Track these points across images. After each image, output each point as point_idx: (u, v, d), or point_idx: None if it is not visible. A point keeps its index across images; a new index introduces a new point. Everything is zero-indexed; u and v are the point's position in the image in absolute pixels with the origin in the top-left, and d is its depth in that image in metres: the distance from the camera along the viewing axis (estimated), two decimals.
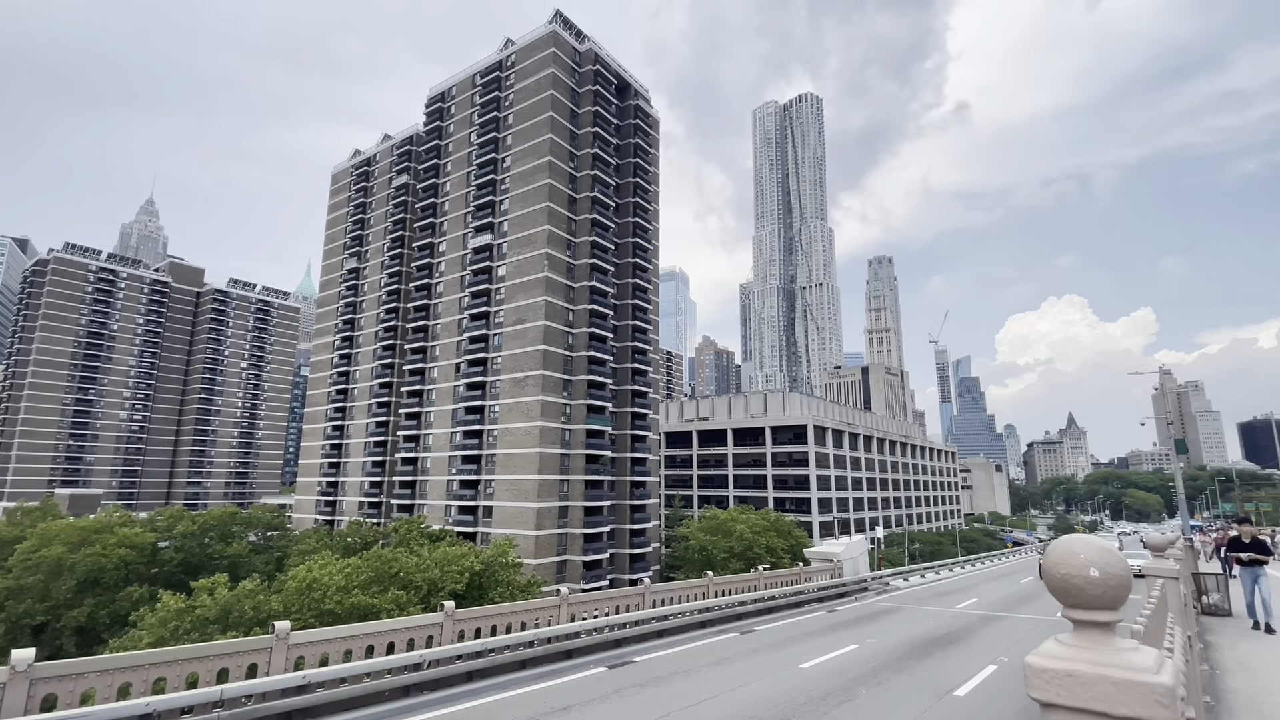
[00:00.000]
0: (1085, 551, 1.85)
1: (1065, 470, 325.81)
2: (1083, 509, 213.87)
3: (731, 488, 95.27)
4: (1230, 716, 7.23)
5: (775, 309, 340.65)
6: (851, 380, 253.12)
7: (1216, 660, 10.45)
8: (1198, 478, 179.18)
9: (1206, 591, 15.70)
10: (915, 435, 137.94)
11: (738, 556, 53.87)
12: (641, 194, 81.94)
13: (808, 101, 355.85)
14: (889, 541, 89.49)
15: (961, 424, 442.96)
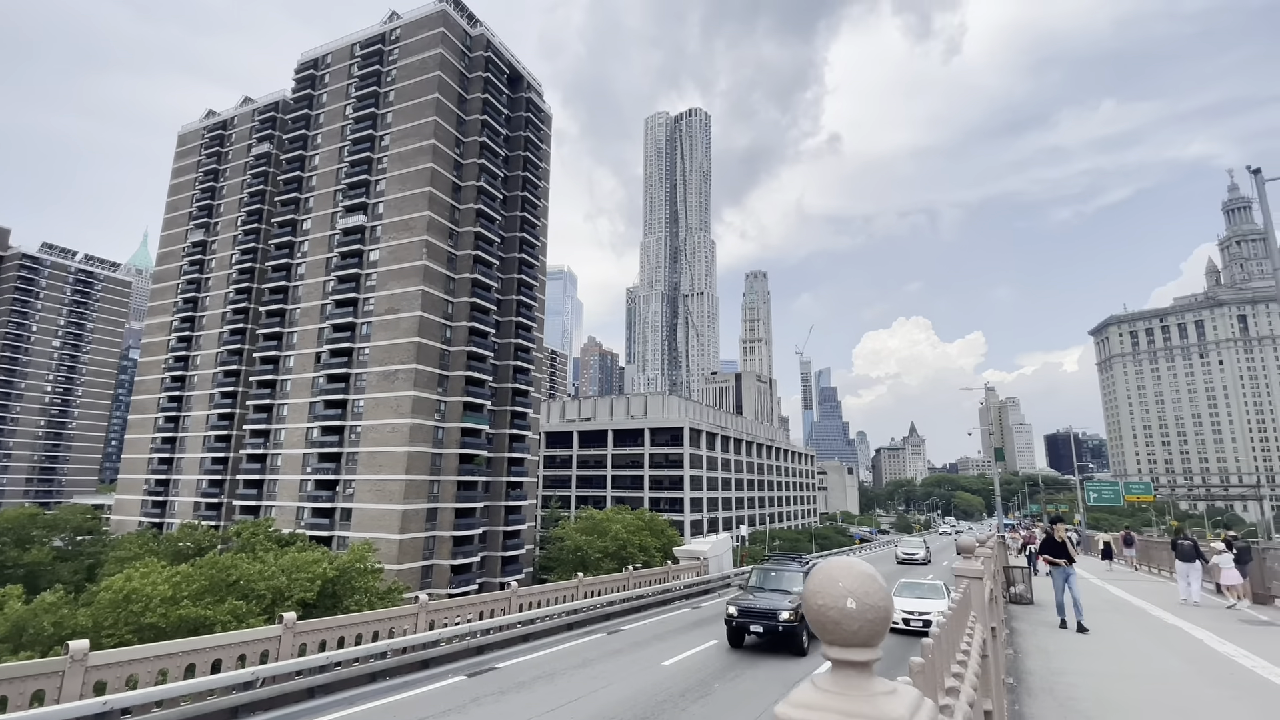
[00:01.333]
0: (845, 579, 1.61)
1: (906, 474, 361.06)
2: (919, 508, 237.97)
3: (610, 488, 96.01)
4: (1029, 695, 8.23)
5: (659, 314, 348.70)
6: (726, 386, 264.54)
7: (1019, 645, 11.90)
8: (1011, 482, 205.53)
9: (1014, 583, 17.90)
10: (780, 439, 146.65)
11: (611, 556, 54.32)
12: (531, 189, 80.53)
13: (697, 116, 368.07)
14: (753, 539, 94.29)
15: (820, 430, 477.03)
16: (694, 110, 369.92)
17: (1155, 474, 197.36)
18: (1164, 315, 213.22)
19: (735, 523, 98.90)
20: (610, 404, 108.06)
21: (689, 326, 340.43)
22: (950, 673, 2.05)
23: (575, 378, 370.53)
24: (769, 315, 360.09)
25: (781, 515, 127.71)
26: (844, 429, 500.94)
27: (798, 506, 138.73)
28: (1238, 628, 14.21)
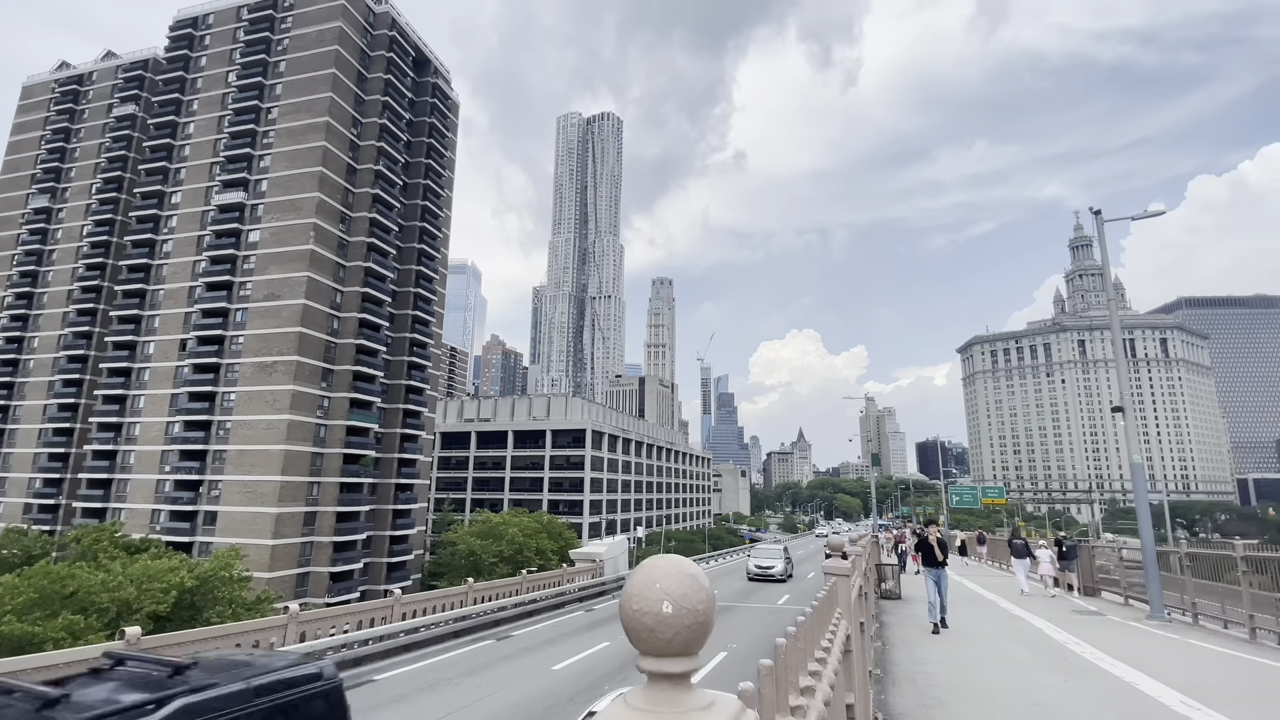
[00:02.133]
0: (664, 580, 1.43)
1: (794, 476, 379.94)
2: (804, 509, 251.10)
3: (508, 490, 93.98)
4: (893, 685, 8.79)
5: (566, 315, 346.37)
6: (630, 389, 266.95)
7: (888, 637, 12.74)
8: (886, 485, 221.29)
9: (885, 579, 19.18)
10: (680, 443, 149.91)
11: (507, 560, 53.11)
12: (434, 177, 77.52)
13: (609, 120, 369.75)
14: (649, 540, 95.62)
15: (718, 434, 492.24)
16: (607, 114, 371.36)
17: (1008, 479, 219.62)
18: (1018, 338, 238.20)
19: (633, 524, 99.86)
20: (512, 404, 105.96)
21: (595, 329, 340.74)
22: (807, 671, 2.02)
23: (476, 376, 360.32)
24: (673, 321, 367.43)
25: (679, 516, 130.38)
26: (739, 433, 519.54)
27: (694, 508, 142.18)
28: (1070, 617, 15.99)
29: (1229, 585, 13.97)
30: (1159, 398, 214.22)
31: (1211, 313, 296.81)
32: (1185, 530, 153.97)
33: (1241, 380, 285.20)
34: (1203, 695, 8.16)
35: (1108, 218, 18.32)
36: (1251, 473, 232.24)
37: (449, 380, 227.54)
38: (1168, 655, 11.34)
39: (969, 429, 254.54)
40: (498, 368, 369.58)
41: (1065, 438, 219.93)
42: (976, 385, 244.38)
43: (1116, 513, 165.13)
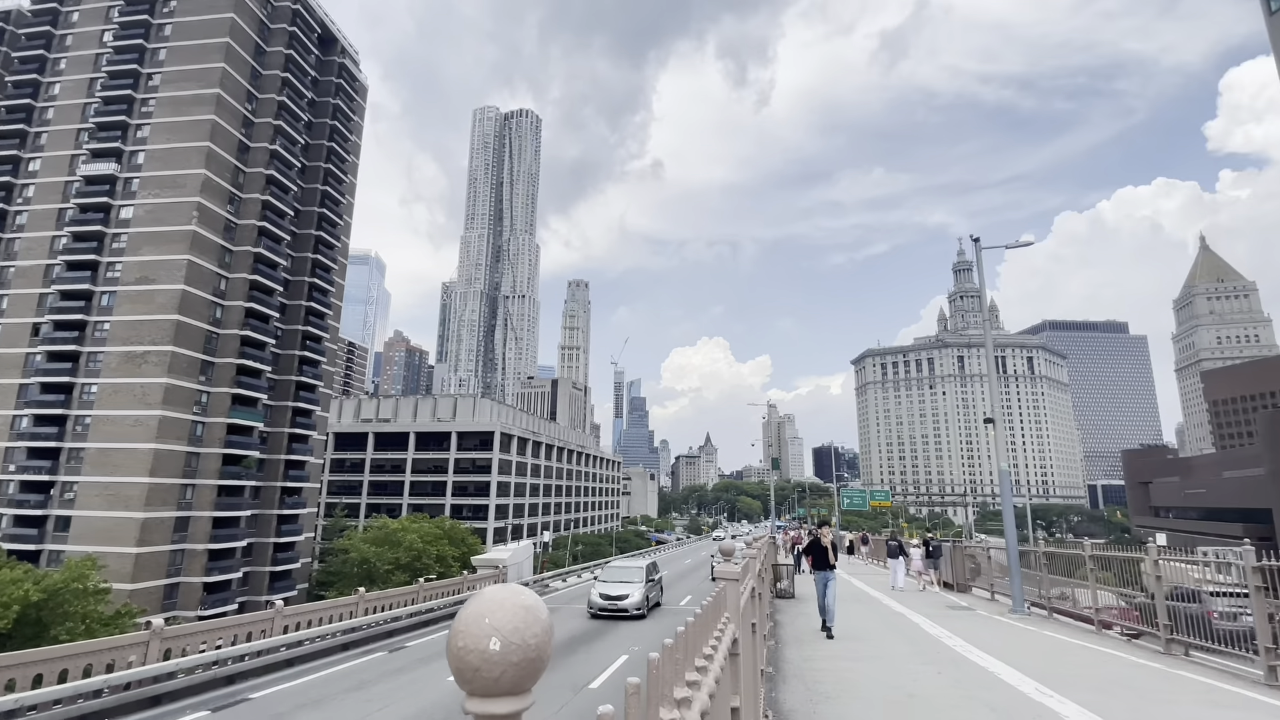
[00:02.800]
0: (495, 614, 1.31)
1: (700, 480, 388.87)
2: (709, 512, 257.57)
3: (408, 495, 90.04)
4: (783, 682, 9.16)
5: (477, 313, 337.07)
6: (542, 391, 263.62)
7: (780, 635, 13.26)
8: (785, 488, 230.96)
9: (780, 579, 19.97)
10: (590, 446, 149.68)
11: (404, 568, 50.81)
12: (337, 161, 73.41)
13: (528, 118, 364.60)
14: (556, 544, 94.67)
15: (629, 437, 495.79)
16: (525, 111, 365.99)
17: (894, 483, 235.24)
18: (906, 352, 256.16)
19: (540, 529, 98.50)
20: (415, 404, 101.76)
21: (508, 329, 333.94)
22: (685, 681, 2.02)
23: (376, 374, 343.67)
24: (588, 324, 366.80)
25: (588, 520, 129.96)
26: (649, 437, 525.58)
27: (603, 511, 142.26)
28: (945, 612, 17.30)
29: (1079, 580, 15.61)
30: (1024, 410, 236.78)
31: (1070, 335, 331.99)
32: (1045, 530, 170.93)
33: (1093, 396, 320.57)
34: (1055, 683, 9.06)
35: (985, 245, 20.07)
36: (1100, 479, 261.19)
37: (346, 378, 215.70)
38: (1026, 646, 12.50)
39: (860, 435, 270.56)
40: (400, 365, 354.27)
41: (945, 445, 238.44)
42: (868, 395, 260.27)
43: (987, 514, 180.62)
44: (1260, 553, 10.15)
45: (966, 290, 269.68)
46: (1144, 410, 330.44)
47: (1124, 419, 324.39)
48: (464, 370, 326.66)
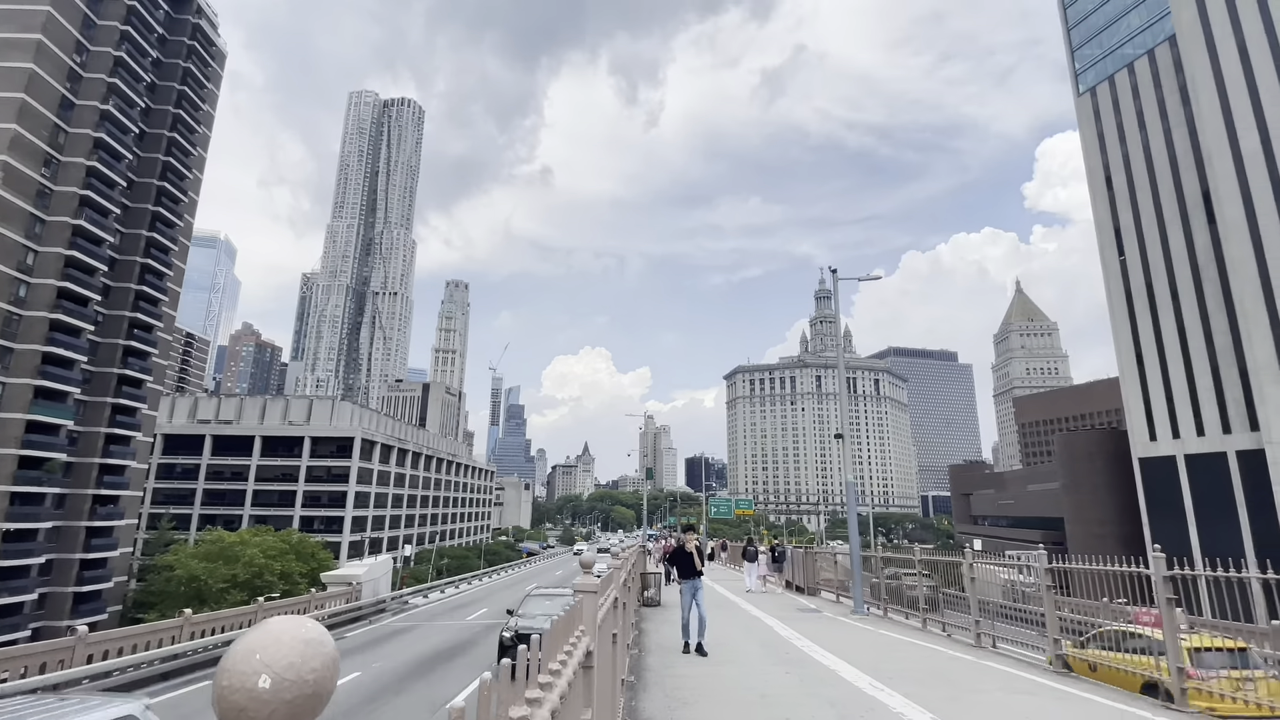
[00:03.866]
0: (268, 648, 1.18)
1: (576, 489, 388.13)
2: (583, 522, 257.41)
3: (250, 505, 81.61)
4: (644, 690, 9.37)
5: (341, 309, 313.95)
6: (412, 395, 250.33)
7: (644, 644, 13.54)
8: (658, 497, 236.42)
9: (648, 587, 20.40)
10: (462, 454, 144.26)
11: (243, 586, 45.98)
12: (184, 131, 65.84)
13: (410, 107, 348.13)
14: (420, 558, 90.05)
15: (504, 446, 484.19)
16: (408, 100, 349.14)
17: (757, 492, 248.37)
18: (772, 370, 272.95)
19: (402, 542, 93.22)
20: (263, 405, 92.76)
21: (376, 327, 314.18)
22: (525, 699, 2.02)
23: (219, 370, 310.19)
24: (467, 327, 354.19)
25: (457, 532, 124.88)
26: (526, 446, 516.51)
27: (473, 523, 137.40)
28: (795, 615, 18.52)
29: (910, 584, 17.38)
30: (870, 427, 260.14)
31: (911, 361, 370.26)
32: (885, 536, 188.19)
33: (927, 416, 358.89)
34: (886, 677, 10.02)
35: (841, 276, 21.97)
36: (931, 490, 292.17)
37: (182, 373, 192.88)
38: (864, 644, 13.71)
39: (729, 447, 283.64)
40: (248, 361, 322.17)
41: (802, 457, 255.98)
42: (737, 409, 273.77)
43: (837, 522, 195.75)
44: (1050, 556, 11.91)
45: (826, 316, 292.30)
46: (968, 430, 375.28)
47: (952, 437, 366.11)
48: (323, 370, 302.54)
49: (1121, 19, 72.74)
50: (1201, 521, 59.05)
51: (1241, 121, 57.54)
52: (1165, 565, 8.80)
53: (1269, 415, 54.06)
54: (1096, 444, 75.98)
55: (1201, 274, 62.30)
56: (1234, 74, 58.40)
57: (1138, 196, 68.85)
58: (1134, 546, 61.20)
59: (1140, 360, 66.83)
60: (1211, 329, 61.06)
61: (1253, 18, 57.34)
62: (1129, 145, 70.22)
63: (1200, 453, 60.41)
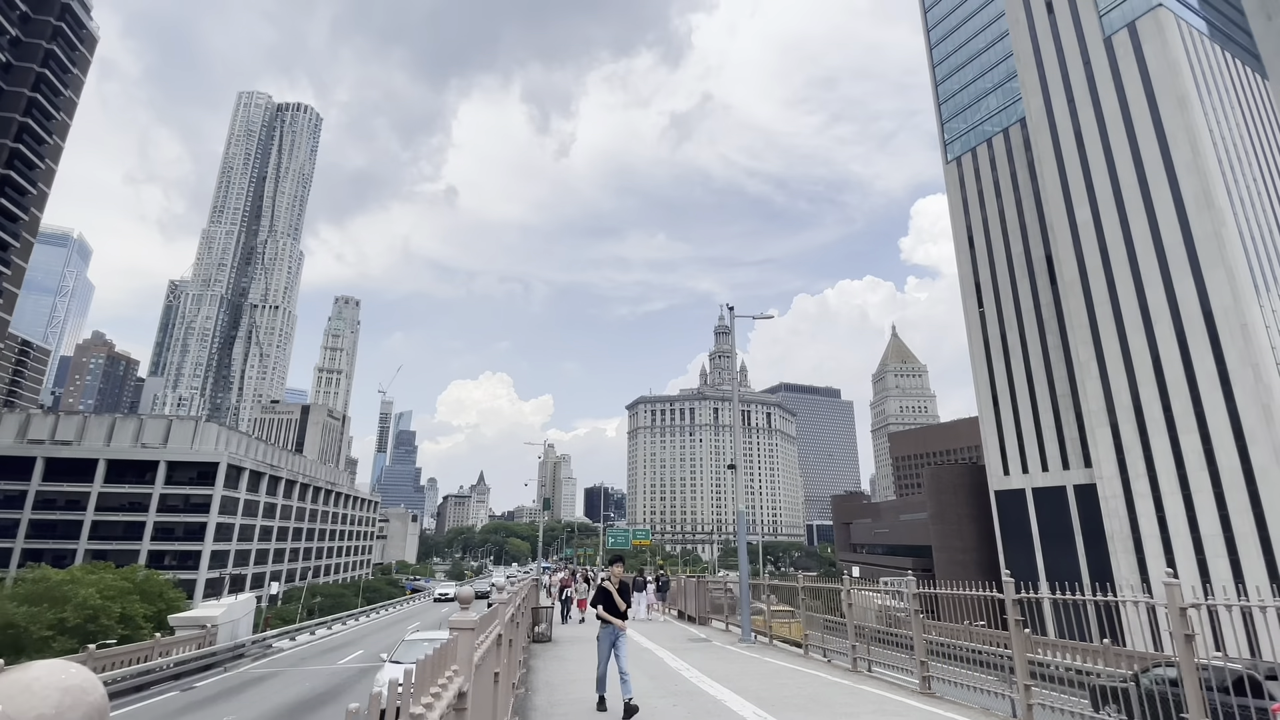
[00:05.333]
0: (17, 699, 1.00)
1: (469, 520, 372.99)
2: (475, 555, 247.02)
3: (86, 538, 71.78)
4: None
5: (214, 321, 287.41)
6: (289, 418, 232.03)
7: (530, 681, 13.07)
8: (555, 528, 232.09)
9: (539, 622, 19.80)
10: (343, 483, 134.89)
11: (73, 632, 39.95)
12: (39, 116, 58.85)
13: (307, 114, 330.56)
14: (289, 596, 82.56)
15: (391, 475, 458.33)
16: (305, 106, 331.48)
17: (655, 522, 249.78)
18: (673, 401, 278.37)
19: (269, 579, 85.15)
20: (111, 424, 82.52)
21: (253, 342, 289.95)
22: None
23: (59, 383, 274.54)
24: (355, 347, 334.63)
25: (333, 567, 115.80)
26: (416, 475, 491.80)
27: (352, 557, 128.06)
28: (685, 645, 18.60)
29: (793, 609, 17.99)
30: (762, 459, 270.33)
31: (800, 396, 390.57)
32: (773, 564, 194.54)
33: (813, 449, 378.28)
34: (770, 705, 10.23)
35: (738, 314, 22.92)
36: (815, 520, 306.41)
37: (12, 385, 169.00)
38: (750, 673, 13.97)
39: (629, 477, 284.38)
40: (97, 375, 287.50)
41: (699, 487, 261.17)
42: (639, 438, 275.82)
43: (729, 551, 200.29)
44: (919, 582, 12.79)
45: (724, 350, 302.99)
46: (850, 462, 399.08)
47: (835, 469, 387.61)
48: (187, 387, 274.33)
49: (983, 100, 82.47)
50: (1046, 549, 65.82)
51: (1076, 195, 66.49)
52: (1014, 589, 9.68)
53: (1099, 454, 61.57)
54: (959, 477, 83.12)
55: (1045, 327, 70.65)
56: (1071, 155, 67.58)
57: (994, 255, 77.40)
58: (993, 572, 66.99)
59: (996, 402, 74.30)
60: (1053, 376, 69.14)
61: (1087, 108, 66.89)
62: (988, 210, 79.06)
63: (1045, 486, 67.65)
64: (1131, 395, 59.83)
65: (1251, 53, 73.92)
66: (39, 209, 61.79)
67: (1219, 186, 57.53)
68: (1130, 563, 57.76)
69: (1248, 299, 54.67)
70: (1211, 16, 69.63)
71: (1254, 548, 51.15)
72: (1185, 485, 55.59)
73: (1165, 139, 60.16)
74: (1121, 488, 59.49)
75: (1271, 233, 62.67)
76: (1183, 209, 58.31)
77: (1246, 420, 52.64)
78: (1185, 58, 61.25)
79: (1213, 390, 54.80)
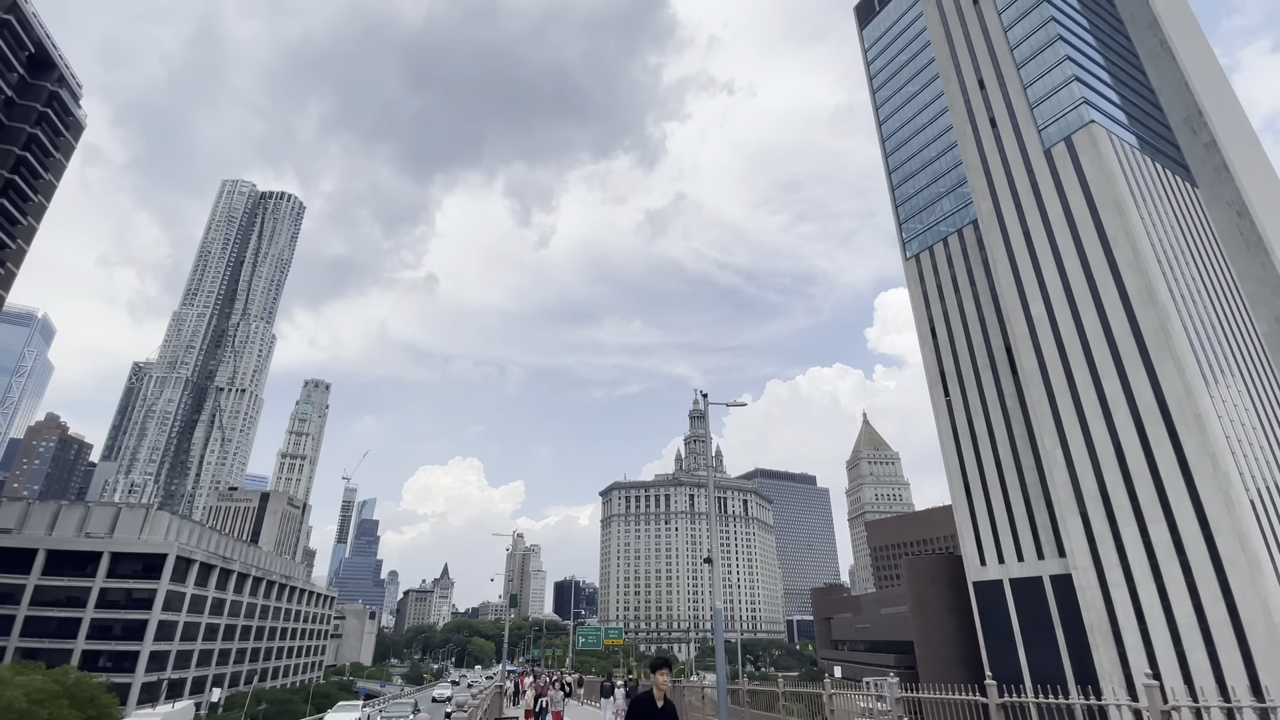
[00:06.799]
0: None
1: (431, 618, 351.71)
2: (435, 656, 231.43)
3: (17, 635, 66.06)
4: None
5: (176, 404, 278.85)
6: (246, 506, 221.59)
7: None
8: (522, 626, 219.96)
9: None
10: (299, 577, 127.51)
11: None
12: (16, 198, 59.29)
13: (290, 202, 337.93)
14: (231, 703, 75.92)
15: (350, 567, 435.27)
16: (288, 195, 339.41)
17: (628, 619, 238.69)
18: (647, 487, 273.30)
19: (210, 684, 78.59)
20: (55, 512, 78.04)
21: (216, 426, 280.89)
22: None
23: (5, 467, 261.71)
24: (322, 432, 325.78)
25: (283, 670, 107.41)
26: (377, 567, 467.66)
27: (303, 659, 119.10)
28: None
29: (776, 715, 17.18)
30: (739, 549, 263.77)
31: (776, 483, 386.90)
32: (753, 664, 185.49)
33: (791, 538, 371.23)
34: None
35: (712, 401, 23.27)
36: (795, 614, 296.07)
37: None
38: None
39: (601, 569, 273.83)
40: (46, 459, 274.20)
41: (675, 581, 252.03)
42: (612, 527, 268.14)
43: (707, 650, 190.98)
44: (903, 684, 12.46)
45: (700, 435, 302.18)
46: (828, 551, 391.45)
47: (813, 559, 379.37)
48: (141, 473, 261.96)
49: (937, 203, 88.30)
50: (1028, 642, 64.28)
51: (1030, 291, 70.21)
52: (998, 693, 9.53)
53: (1072, 544, 61.67)
54: (938, 568, 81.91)
55: (1010, 416, 72.40)
56: (1022, 254, 71.94)
57: (956, 347, 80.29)
58: (976, 669, 64.95)
59: (968, 491, 74.70)
60: (1022, 465, 70.16)
61: (1033, 212, 71.93)
62: (948, 303, 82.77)
63: (1022, 577, 66.98)
64: (1098, 484, 60.79)
65: (1180, 163, 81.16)
66: (5, 288, 61.00)
67: (1160, 284, 61.40)
68: (1111, 655, 56.62)
69: (1199, 390, 57.10)
70: (1141, 131, 76.81)
71: (1229, 637, 50.73)
72: (1158, 574, 55.62)
73: (1107, 240, 64.63)
74: (1096, 578, 59.23)
75: (1214, 327, 66.46)
76: (1129, 305, 61.82)
77: (1210, 509, 53.61)
78: (1119, 168, 66.95)
79: (1174, 479, 56.04)
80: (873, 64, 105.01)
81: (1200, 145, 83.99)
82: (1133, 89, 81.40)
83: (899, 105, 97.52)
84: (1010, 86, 77.39)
